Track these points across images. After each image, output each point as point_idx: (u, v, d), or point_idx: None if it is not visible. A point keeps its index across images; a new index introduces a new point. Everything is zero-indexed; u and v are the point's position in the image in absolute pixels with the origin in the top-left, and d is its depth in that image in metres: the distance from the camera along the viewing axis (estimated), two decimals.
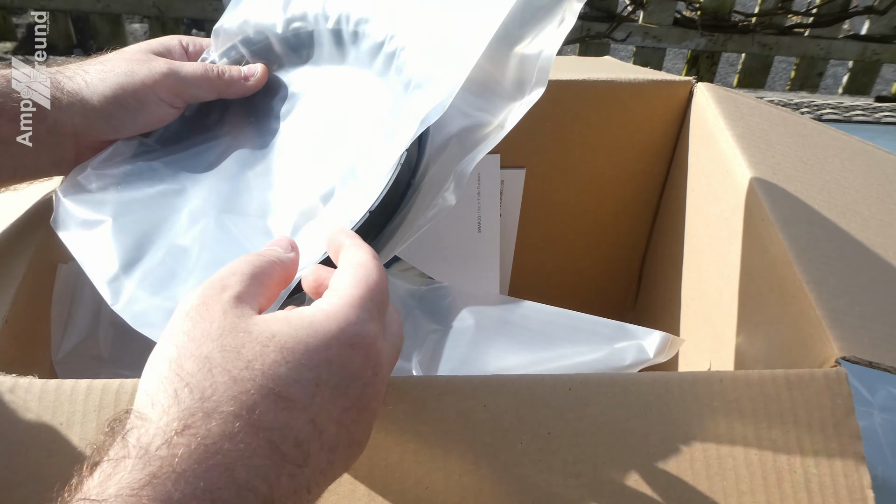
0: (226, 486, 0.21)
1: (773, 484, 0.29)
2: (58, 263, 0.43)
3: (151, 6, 2.14)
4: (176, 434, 0.21)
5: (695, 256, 0.54)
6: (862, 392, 0.49)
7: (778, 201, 0.42)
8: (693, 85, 0.57)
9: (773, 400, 0.31)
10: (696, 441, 0.30)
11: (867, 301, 0.36)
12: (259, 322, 0.25)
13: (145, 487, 0.20)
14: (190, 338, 0.24)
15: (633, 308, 0.73)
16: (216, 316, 0.24)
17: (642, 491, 0.29)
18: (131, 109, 0.41)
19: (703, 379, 0.31)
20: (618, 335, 0.42)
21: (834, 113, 1.12)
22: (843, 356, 0.31)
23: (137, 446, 0.21)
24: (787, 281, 0.38)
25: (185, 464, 0.21)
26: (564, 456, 0.30)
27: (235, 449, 0.22)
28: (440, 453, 0.30)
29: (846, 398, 0.31)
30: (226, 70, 0.44)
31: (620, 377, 0.31)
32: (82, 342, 0.43)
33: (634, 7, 2.21)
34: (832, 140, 0.53)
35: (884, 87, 2.47)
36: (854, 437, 0.30)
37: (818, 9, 2.21)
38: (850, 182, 0.47)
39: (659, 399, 0.31)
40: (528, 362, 0.42)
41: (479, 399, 0.31)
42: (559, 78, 0.56)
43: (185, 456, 0.21)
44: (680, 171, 0.58)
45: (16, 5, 2.22)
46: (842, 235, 0.41)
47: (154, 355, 0.24)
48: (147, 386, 0.23)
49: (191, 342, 0.24)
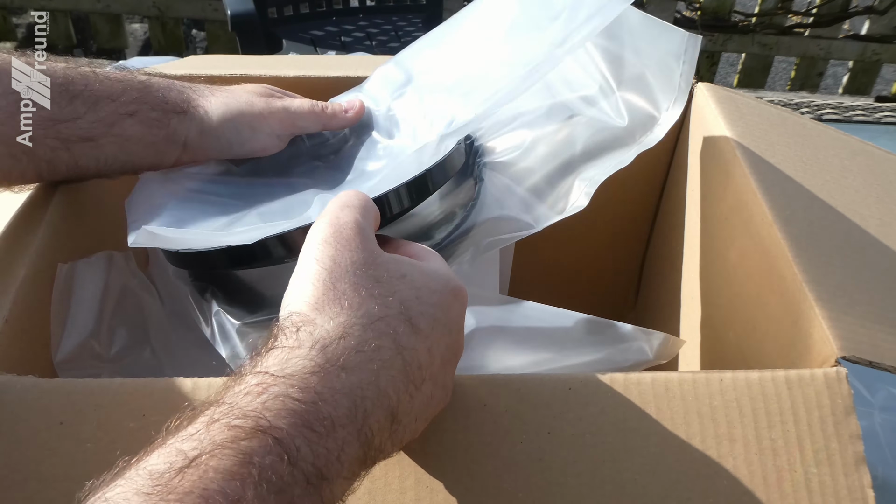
0: (370, 387, 0.25)
1: (773, 484, 0.29)
2: (58, 263, 0.43)
3: (151, 6, 2.14)
4: (340, 339, 0.26)
5: (695, 256, 0.54)
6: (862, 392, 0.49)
7: (778, 201, 0.42)
8: (693, 85, 0.57)
9: (773, 399, 0.31)
10: (696, 441, 0.30)
11: (867, 301, 0.36)
12: (392, 260, 0.29)
13: (314, 374, 0.24)
14: (337, 263, 0.28)
15: (633, 308, 0.73)
16: (355, 245, 0.29)
17: (643, 490, 0.29)
18: (244, 134, 0.46)
19: (703, 379, 0.31)
20: (618, 336, 0.42)
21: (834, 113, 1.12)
22: (843, 356, 0.31)
23: (311, 341, 0.25)
24: (787, 281, 0.38)
25: (346, 362, 0.25)
26: (564, 456, 0.30)
27: (382, 359, 0.26)
28: (441, 452, 0.30)
29: (846, 398, 0.31)
30: (328, 105, 0.50)
31: (620, 377, 0.31)
32: (83, 342, 0.43)
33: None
34: (832, 140, 0.53)
35: (884, 87, 2.47)
36: (854, 436, 0.30)
37: (818, 9, 2.21)
38: (849, 182, 0.47)
39: (659, 399, 0.31)
40: (528, 363, 0.42)
41: (480, 398, 0.31)
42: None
43: (347, 356, 0.25)
44: (680, 171, 0.58)
45: (16, 5, 2.22)
46: (842, 235, 0.41)
47: (302, 273, 0.28)
48: (306, 297, 0.27)
49: (338, 267, 0.28)
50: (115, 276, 0.45)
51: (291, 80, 0.55)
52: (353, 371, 0.25)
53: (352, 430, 0.24)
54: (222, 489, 0.20)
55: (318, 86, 0.55)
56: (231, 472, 0.21)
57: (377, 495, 0.29)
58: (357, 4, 1.65)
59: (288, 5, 1.54)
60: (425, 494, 0.29)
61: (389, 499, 0.29)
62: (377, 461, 0.26)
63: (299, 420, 0.23)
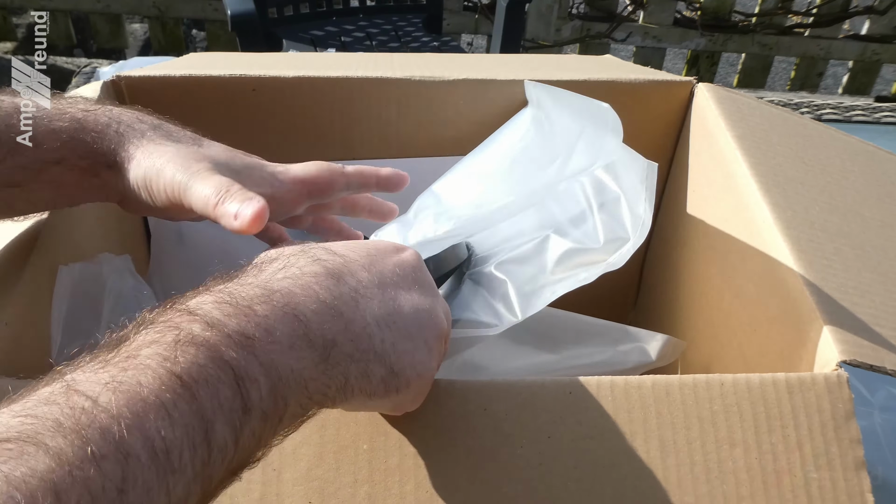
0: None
1: (774, 487, 0.29)
2: (58, 265, 0.43)
3: (151, 6, 2.14)
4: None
5: (695, 257, 0.54)
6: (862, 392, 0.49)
7: (779, 202, 0.42)
8: (693, 85, 0.56)
9: (774, 403, 0.31)
10: (696, 445, 0.30)
11: (868, 303, 0.36)
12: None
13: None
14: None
15: (633, 308, 0.72)
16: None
17: (643, 495, 0.29)
18: (157, 204, 0.40)
19: (704, 382, 0.31)
20: (621, 338, 0.42)
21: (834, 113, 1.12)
22: (843, 359, 0.31)
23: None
24: (787, 282, 0.37)
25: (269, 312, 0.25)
26: (565, 460, 0.30)
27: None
28: (441, 457, 0.30)
29: (846, 402, 0.30)
30: (226, 203, 0.39)
31: (620, 381, 0.31)
32: (82, 345, 0.43)
33: (634, 7, 2.21)
34: (832, 140, 0.53)
35: (884, 87, 2.47)
36: (854, 441, 0.30)
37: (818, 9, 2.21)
38: (850, 182, 0.47)
39: (659, 402, 0.31)
40: (531, 365, 0.42)
41: (480, 403, 0.31)
42: (559, 78, 0.56)
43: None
44: (680, 171, 0.58)
45: (16, 5, 2.22)
46: (842, 236, 0.41)
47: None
48: None
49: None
50: (115, 279, 0.45)
51: (291, 80, 0.55)
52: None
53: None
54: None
55: (318, 85, 0.55)
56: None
57: (377, 500, 0.29)
58: (357, 4, 1.65)
59: (288, 5, 1.54)
60: (425, 499, 0.29)
61: (389, 503, 0.29)
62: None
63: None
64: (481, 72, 0.57)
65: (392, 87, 0.56)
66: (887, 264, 0.40)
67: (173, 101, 0.54)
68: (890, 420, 0.48)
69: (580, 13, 2.21)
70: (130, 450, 0.19)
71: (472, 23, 2.18)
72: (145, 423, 0.20)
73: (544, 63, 0.64)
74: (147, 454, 0.19)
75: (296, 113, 0.56)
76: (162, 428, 0.20)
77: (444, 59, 0.63)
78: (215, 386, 0.22)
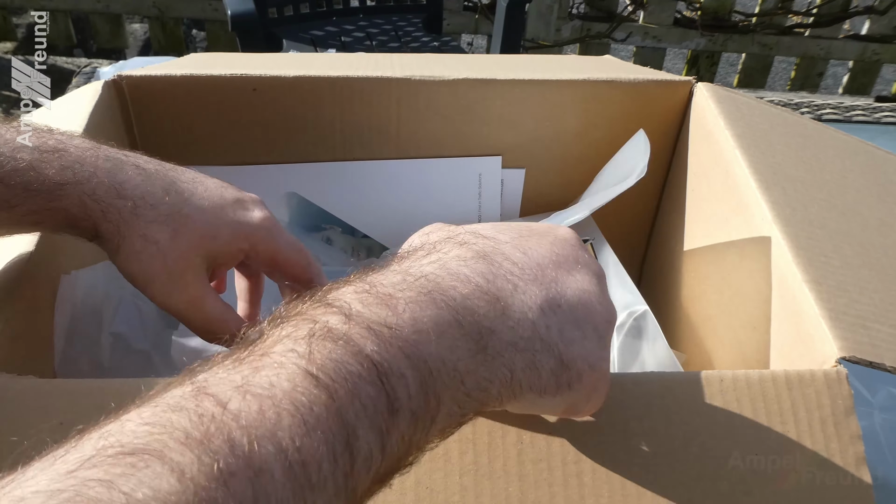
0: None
1: (774, 484, 0.29)
2: (61, 274, 0.43)
3: (151, 6, 2.14)
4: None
5: (695, 256, 0.54)
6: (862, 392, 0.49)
7: (778, 201, 0.42)
8: (693, 85, 0.57)
9: (774, 400, 0.31)
10: (696, 441, 0.30)
11: (867, 301, 0.36)
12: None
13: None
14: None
15: None
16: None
17: (643, 492, 0.29)
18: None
19: (704, 379, 0.31)
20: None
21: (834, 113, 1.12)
22: (843, 356, 0.31)
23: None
24: (787, 280, 0.38)
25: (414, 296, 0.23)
26: (565, 456, 0.30)
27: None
28: (440, 453, 0.30)
29: (846, 398, 0.31)
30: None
31: (621, 377, 0.31)
32: (84, 351, 0.43)
33: (634, 7, 2.21)
34: (832, 140, 0.53)
35: (884, 87, 2.47)
36: (854, 437, 0.30)
37: (818, 9, 2.21)
38: (850, 182, 0.47)
39: (660, 399, 0.31)
40: None
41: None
42: (559, 78, 0.56)
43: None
44: (680, 171, 0.58)
45: (16, 5, 2.22)
46: (842, 235, 0.41)
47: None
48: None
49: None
50: (116, 285, 0.45)
51: (291, 80, 0.55)
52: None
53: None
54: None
55: (318, 85, 0.55)
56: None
57: (377, 496, 0.29)
58: (357, 4, 1.65)
59: (288, 5, 1.54)
60: (425, 495, 0.29)
61: (390, 499, 0.29)
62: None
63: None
64: (481, 72, 0.57)
65: (392, 87, 0.56)
66: (886, 262, 0.40)
67: (174, 101, 0.54)
68: (890, 420, 0.48)
69: (580, 13, 2.22)
70: (263, 465, 0.17)
71: (472, 23, 2.18)
72: (278, 432, 0.18)
73: (544, 63, 0.64)
74: (281, 469, 0.17)
75: (296, 113, 0.56)
76: (297, 437, 0.18)
77: (444, 59, 0.63)
78: (356, 384, 0.19)
